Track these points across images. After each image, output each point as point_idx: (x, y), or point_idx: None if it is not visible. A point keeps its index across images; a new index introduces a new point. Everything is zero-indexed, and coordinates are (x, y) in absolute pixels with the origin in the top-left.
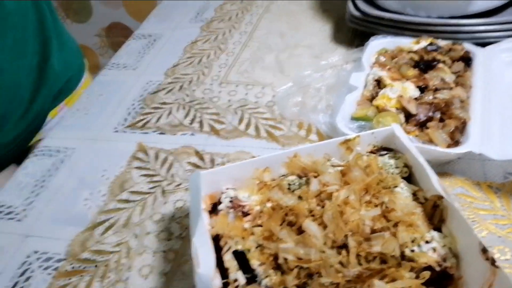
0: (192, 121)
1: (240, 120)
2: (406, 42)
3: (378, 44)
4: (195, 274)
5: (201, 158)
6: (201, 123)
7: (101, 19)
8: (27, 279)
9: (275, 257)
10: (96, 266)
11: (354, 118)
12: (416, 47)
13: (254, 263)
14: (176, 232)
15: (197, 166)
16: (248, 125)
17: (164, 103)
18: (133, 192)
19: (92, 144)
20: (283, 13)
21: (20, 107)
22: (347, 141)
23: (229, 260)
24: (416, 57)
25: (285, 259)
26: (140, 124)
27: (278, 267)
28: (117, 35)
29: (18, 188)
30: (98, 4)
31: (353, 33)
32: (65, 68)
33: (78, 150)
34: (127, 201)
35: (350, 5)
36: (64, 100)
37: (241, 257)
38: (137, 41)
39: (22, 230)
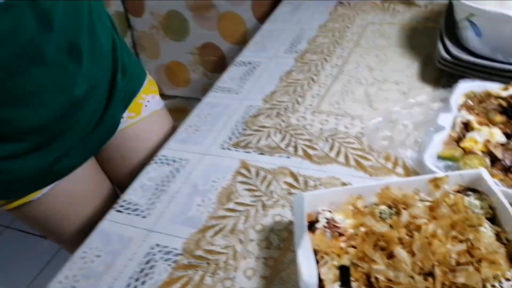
0: (288, 145)
1: (331, 148)
2: (495, 87)
3: (466, 87)
4: (300, 281)
5: (296, 179)
6: (295, 147)
7: (196, 39)
8: (151, 267)
9: (367, 276)
10: (208, 263)
11: (441, 157)
12: (504, 94)
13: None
14: (275, 243)
15: (292, 186)
16: (338, 153)
17: (263, 127)
18: (238, 203)
19: (203, 157)
20: (372, 48)
21: (99, 113)
22: (436, 179)
23: (325, 273)
24: (504, 104)
25: (377, 279)
26: (243, 143)
27: (370, 285)
28: (208, 54)
29: (143, 189)
30: (195, 26)
31: (440, 72)
32: (130, 80)
33: (191, 162)
34: (233, 210)
35: (440, 47)
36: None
37: (345, 271)
38: (238, 67)
39: (147, 225)
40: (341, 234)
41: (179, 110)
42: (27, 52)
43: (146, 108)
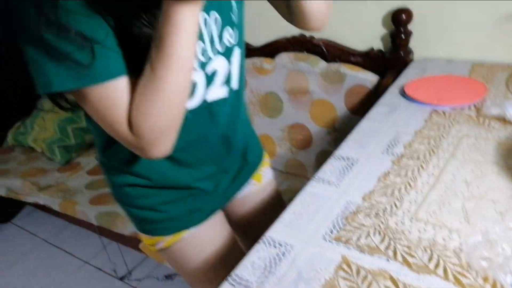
0: (387, 247)
1: (430, 259)
2: None
3: None
4: None
5: (396, 285)
6: (395, 251)
7: (287, 118)
8: None
9: None
10: None
11: None
12: None
13: None
14: None
15: None
16: (437, 265)
17: (363, 225)
18: None
19: (306, 246)
20: (468, 161)
21: (233, 178)
22: None
23: None
24: None
25: None
26: (344, 239)
27: None
28: (297, 133)
29: (253, 267)
30: (289, 107)
31: None
32: (254, 155)
33: (295, 248)
34: None
35: None
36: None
37: None
38: (337, 161)
39: None
40: None
41: None
42: (199, 137)
43: (264, 177)
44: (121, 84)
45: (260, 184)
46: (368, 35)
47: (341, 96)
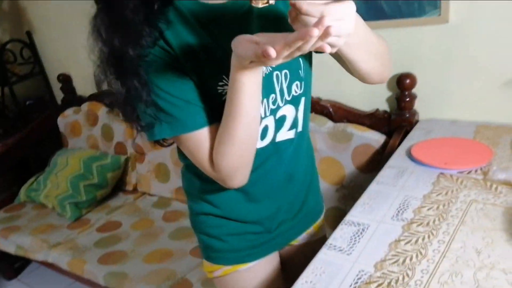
0: None
1: None
2: None
3: None
4: None
5: None
6: None
7: None
8: None
9: None
10: None
11: None
12: None
13: None
14: None
15: None
16: None
17: None
18: None
19: None
20: (477, 228)
21: (291, 219)
22: None
23: None
24: None
25: None
26: None
27: None
28: None
29: None
30: None
31: None
32: (315, 203)
33: None
34: None
35: None
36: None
37: None
38: (348, 226)
39: None
40: None
41: None
42: (266, 171)
43: (320, 228)
44: (205, 132)
45: (317, 232)
46: (374, 97)
47: (348, 154)
